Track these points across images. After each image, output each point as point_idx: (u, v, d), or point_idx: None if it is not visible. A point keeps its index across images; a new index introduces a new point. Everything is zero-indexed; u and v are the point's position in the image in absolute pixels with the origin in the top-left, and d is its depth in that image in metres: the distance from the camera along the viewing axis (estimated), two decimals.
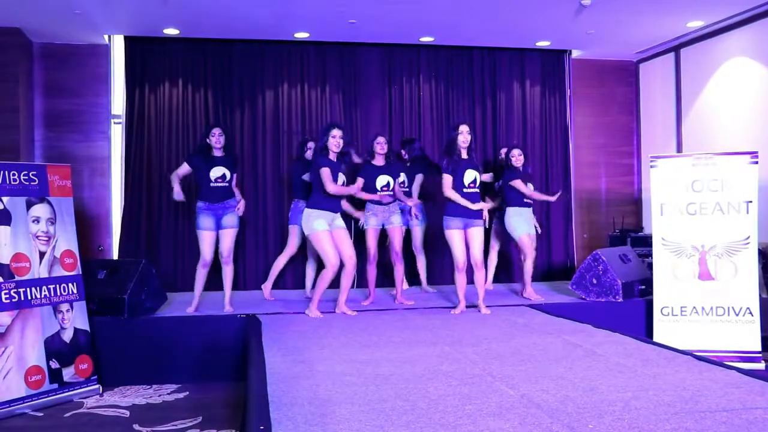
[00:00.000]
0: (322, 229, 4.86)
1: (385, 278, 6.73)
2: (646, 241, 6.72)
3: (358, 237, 6.13)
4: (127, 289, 4.82)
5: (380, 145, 5.61)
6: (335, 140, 4.89)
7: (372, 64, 7.41)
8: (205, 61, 7.11)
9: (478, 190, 5.06)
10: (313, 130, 7.27)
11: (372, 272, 5.66)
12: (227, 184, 5.20)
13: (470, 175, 5.03)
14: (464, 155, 5.03)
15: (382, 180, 5.57)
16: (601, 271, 5.57)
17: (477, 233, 5.00)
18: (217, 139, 5.14)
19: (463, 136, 4.99)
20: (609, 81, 8.04)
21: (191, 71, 7.10)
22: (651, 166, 5.45)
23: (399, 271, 5.65)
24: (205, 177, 5.14)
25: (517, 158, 5.78)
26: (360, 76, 7.40)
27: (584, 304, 5.54)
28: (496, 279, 6.78)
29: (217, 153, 5.18)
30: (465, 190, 5.00)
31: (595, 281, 5.60)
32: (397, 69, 7.46)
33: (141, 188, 6.97)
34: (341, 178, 5.07)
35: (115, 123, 7.17)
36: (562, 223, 7.74)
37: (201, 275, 5.22)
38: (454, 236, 4.99)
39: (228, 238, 5.15)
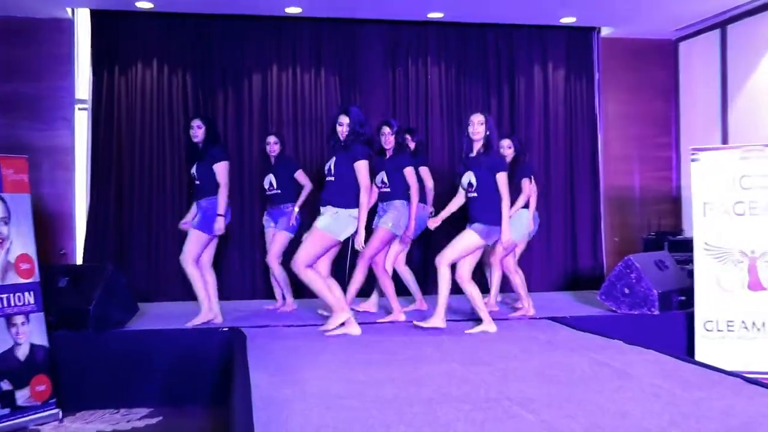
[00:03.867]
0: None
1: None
2: (686, 246, 6.66)
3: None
4: (93, 299, 4.80)
5: (384, 137, 5.50)
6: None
7: (373, 43, 7.39)
8: (183, 40, 7.10)
9: (476, 195, 4.89)
10: (306, 119, 7.26)
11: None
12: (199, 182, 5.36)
13: (466, 177, 4.96)
14: (474, 152, 4.97)
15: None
16: (634, 279, 5.55)
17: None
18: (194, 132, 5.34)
19: (472, 127, 4.91)
20: (644, 63, 8.00)
21: (167, 51, 7.08)
22: (692, 160, 5.43)
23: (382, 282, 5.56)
24: None
25: (505, 150, 5.67)
26: (360, 58, 7.38)
27: (615, 318, 5.53)
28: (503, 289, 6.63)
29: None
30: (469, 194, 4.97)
31: (627, 291, 5.59)
32: (402, 49, 7.44)
33: (109, 183, 6.94)
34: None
35: (79, 109, 7.14)
36: (590, 225, 7.72)
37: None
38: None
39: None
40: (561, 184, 7.68)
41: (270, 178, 6.01)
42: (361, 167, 4.75)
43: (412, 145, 5.92)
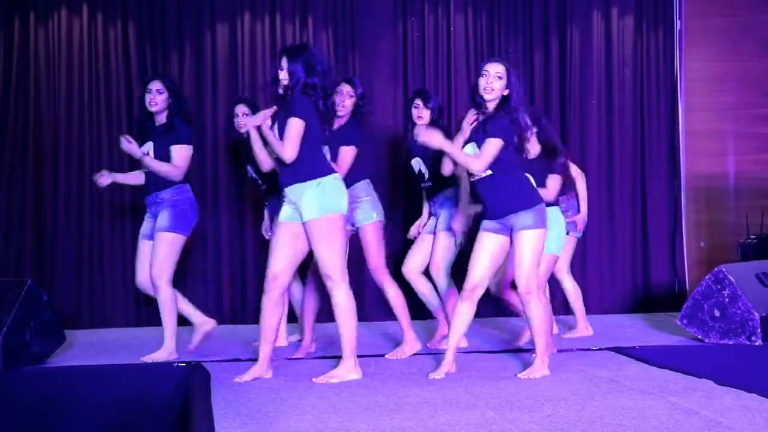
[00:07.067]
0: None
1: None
2: None
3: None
4: (4, 324, 4.80)
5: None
6: None
7: None
8: None
9: (491, 173, 4.59)
10: None
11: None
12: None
13: (468, 150, 4.67)
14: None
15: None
16: (728, 298, 5.55)
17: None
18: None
19: (485, 79, 4.58)
20: (743, 7, 7.97)
21: None
22: None
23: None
24: None
25: None
26: (360, 3, 7.42)
27: (701, 349, 5.53)
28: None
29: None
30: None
31: (718, 314, 5.59)
32: None
33: (26, 170, 6.98)
34: None
35: None
36: (666, 226, 7.75)
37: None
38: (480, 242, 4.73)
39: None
40: (628, 170, 7.68)
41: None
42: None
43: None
